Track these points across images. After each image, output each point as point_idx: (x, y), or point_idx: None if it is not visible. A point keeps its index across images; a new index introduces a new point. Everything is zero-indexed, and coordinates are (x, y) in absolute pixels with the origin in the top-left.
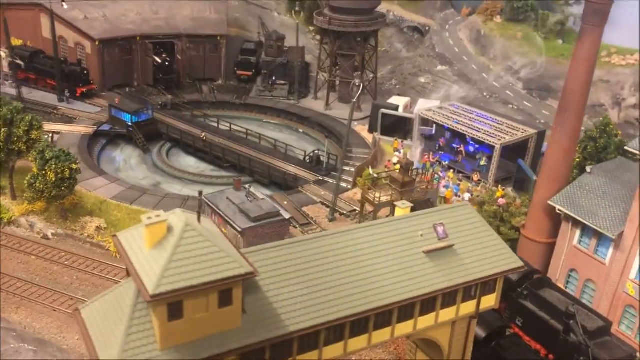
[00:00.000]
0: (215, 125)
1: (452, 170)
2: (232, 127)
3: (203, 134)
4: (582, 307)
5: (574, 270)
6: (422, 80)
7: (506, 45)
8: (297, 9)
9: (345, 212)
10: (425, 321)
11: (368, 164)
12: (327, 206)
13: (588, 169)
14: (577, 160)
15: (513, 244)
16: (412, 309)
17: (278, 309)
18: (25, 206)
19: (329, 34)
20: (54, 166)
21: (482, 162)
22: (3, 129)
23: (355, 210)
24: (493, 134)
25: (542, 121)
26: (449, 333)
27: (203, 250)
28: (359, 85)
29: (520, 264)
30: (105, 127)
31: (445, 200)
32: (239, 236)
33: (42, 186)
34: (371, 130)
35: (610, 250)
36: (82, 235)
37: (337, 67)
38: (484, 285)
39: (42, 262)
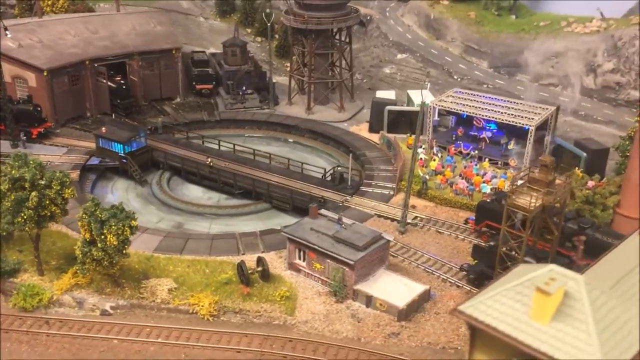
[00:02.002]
0: (211, 147)
1: (486, 160)
2: (236, 147)
3: (209, 160)
4: None
5: None
6: (387, 71)
7: (462, 26)
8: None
9: (412, 222)
10: None
11: (403, 166)
12: (385, 217)
13: None
14: None
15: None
16: None
17: None
18: (68, 280)
19: (300, 34)
20: (114, 227)
21: (511, 146)
22: (33, 194)
23: (417, 217)
24: (518, 116)
25: (522, 96)
26: None
27: (615, 313)
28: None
29: None
30: (94, 161)
31: (499, 189)
32: (347, 269)
33: (100, 254)
34: (372, 129)
35: None
36: (154, 302)
37: (312, 68)
38: None
39: (130, 345)
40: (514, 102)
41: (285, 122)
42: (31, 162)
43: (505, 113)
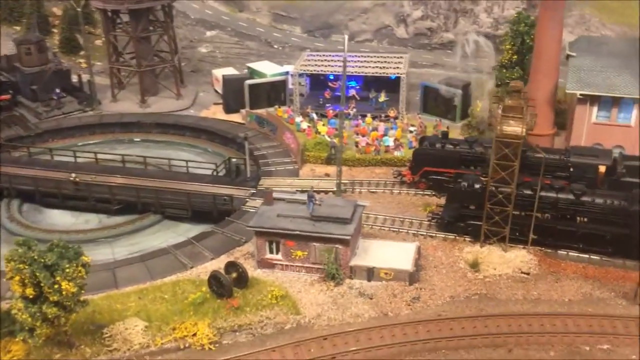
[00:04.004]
0: (65, 161)
1: (368, 115)
2: (98, 156)
3: (73, 175)
4: None
5: (598, 143)
6: (203, 50)
7: None
8: None
9: (344, 188)
10: None
11: (296, 137)
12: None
13: (572, 53)
14: (515, 58)
15: None
16: None
17: None
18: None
19: (108, 19)
20: (69, 270)
21: (382, 99)
22: None
23: (339, 183)
24: (384, 67)
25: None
26: None
27: None
28: None
29: None
30: None
31: (397, 141)
32: (340, 247)
33: (55, 310)
34: (229, 109)
35: (634, 112)
36: (129, 350)
37: (139, 55)
38: None
39: None
40: (369, 56)
41: (124, 121)
42: None
43: (370, 67)
